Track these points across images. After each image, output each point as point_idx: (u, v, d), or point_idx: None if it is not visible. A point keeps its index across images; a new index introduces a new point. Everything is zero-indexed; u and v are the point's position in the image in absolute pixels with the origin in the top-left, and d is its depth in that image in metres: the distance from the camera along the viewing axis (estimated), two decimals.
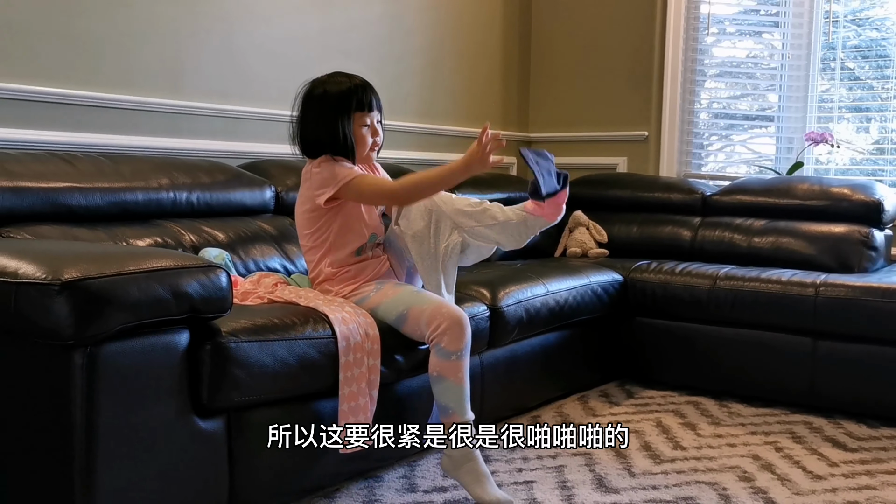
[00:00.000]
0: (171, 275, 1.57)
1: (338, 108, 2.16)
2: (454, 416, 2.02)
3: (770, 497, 2.09)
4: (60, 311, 1.43)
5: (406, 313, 2.05)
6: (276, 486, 1.87)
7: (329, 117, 2.16)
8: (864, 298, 2.68)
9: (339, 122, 2.15)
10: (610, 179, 3.88)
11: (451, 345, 2.01)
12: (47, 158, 2.28)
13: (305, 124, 2.20)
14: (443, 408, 2.03)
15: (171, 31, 2.77)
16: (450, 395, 2.02)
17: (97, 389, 1.49)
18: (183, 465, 1.65)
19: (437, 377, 2.02)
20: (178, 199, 2.48)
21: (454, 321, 2.02)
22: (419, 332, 2.05)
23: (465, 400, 2.03)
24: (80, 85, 2.55)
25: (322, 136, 2.17)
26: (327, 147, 2.17)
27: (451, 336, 2.01)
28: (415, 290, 2.15)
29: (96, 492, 1.50)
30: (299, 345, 1.85)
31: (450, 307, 2.06)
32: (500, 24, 4.21)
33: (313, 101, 2.19)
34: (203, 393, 1.67)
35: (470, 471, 2.01)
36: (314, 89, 2.20)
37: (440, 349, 2.01)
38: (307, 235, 2.21)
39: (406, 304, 2.07)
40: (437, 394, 2.03)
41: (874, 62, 3.84)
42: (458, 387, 2.02)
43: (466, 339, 2.04)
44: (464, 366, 2.03)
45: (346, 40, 3.38)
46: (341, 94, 2.16)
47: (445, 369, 2.01)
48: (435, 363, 2.02)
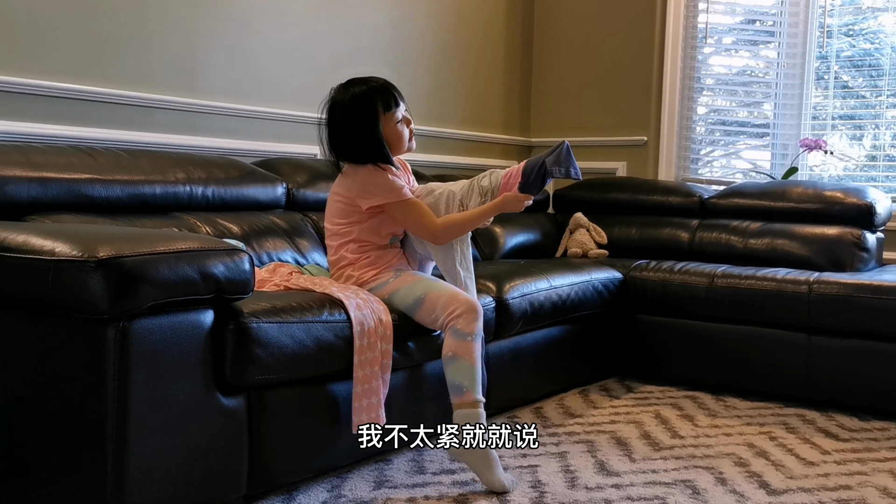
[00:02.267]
0: (199, 256, 1.65)
1: (366, 118, 2.19)
2: (468, 394, 2.08)
3: (765, 480, 2.17)
4: (96, 287, 1.52)
5: (423, 297, 2.14)
6: (292, 464, 1.95)
7: (358, 128, 2.19)
8: (857, 295, 2.78)
9: (370, 130, 2.19)
10: (610, 183, 3.98)
11: (466, 327, 2.10)
12: (70, 151, 2.36)
13: (336, 138, 2.23)
14: (456, 387, 2.09)
15: (188, 32, 2.87)
16: (464, 374, 2.08)
17: (129, 363, 1.57)
18: (207, 438, 1.72)
19: (452, 356, 2.09)
20: (195, 192, 2.57)
21: (469, 307, 2.12)
22: (434, 317, 2.14)
23: (478, 380, 2.10)
24: (101, 82, 2.64)
25: (357, 147, 2.21)
26: (365, 156, 2.21)
27: (466, 319, 2.10)
28: (433, 278, 2.25)
29: (127, 461, 1.58)
30: (316, 327, 1.93)
31: (466, 296, 2.16)
32: (502, 31, 4.32)
33: (338, 115, 2.22)
34: (226, 370, 1.75)
35: (479, 454, 2.07)
36: (336, 103, 2.21)
37: (455, 330, 2.10)
38: (335, 222, 2.28)
39: (424, 290, 2.16)
40: (450, 374, 2.10)
41: (867, 73, 3.95)
42: (472, 365, 2.08)
43: (479, 325, 2.13)
44: (477, 348, 2.11)
45: (355, 44, 3.48)
46: (365, 102, 2.19)
47: (460, 349, 2.09)
48: (450, 344, 2.10)
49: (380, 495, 2.02)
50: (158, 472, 1.64)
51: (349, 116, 2.20)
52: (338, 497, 2.01)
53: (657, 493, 2.06)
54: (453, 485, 2.10)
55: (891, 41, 3.86)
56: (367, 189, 2.20)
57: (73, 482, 1.62)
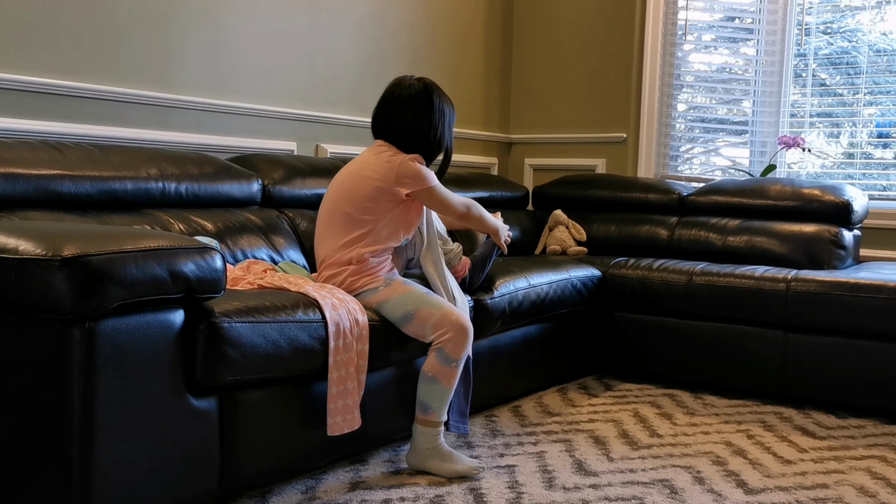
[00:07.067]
0: (168, 254, 1.61)
1: (451, 124, 2.36)
2: (433, 415, 2.12)
3: (742, 479, 2.16)
4: (61, 286, 1.47)
5: (414, 314, 2.12)
6: (266, 466, 1.91)
7: (442, 128, 2.31)
8: (833, 293, 2.79)
9: (446, 133, 2.33)
10: (589, 180, 3.97)
11: (454, 352, 2.10)
12: (38, 146, 2.31)
13: (410, 119, 2.28)
14: (424, 406, 2.12)
15: (161, 24, 2.81)
16: (436, 397, 2.11)
17: (96, 364, 1.53)
18: (177, 440, 1.69)
19: (431, 378, 2.10)
20: (167, 189, 2.52)
21: (461, 331, 2.11)
22: (422, 334, 2.13)
23: (447, 404, 2.13)
24: (71, 76, 2.58)
25: (423, 137, 2.29)
26: (419, 148, 2.29)
27: (456, 344, 2.10)
28: (424, 291, 2.20)
29: (93, 464, 1.54)
30: (290, 327, 1.89)
31: (458, 316, 2.13)
32: (482, 28, 4.29)
33: (427, 106, 2.29)
34: (197, 370, 1.72)
35: (436, 456, 2.12)
36: (433, 96, 2.31)
37: (442, 353, 2.09)
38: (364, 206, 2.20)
39: (415, 305, 2.13)
40: (423, 392, 2.11)
41: (844, 71, 3.96)
42: (447, 391, 2.11)
43: (468, 349, 2.13)
44: (458, 373, 2.12)
45: (333, 39, 3.44)
46: (453, 112, 2.37)
47: (442, 373, 2.09)
48: (433, 365, 2.10)
49: (354, 497, 1.99)
50: (126, 475, 1.60)
51: (440, 110, 2.31)
52: (311, 499, 1.97)
53: (635, 493, 2.05)
54: (429, 485, 2.07)
55: (868, 39, 3.88)
56: (406, 175, 2.20)
57: (38, 486, 1.57)
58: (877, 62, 3.84)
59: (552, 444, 2.41)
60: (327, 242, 2.24)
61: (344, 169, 2.33)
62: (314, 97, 3.36)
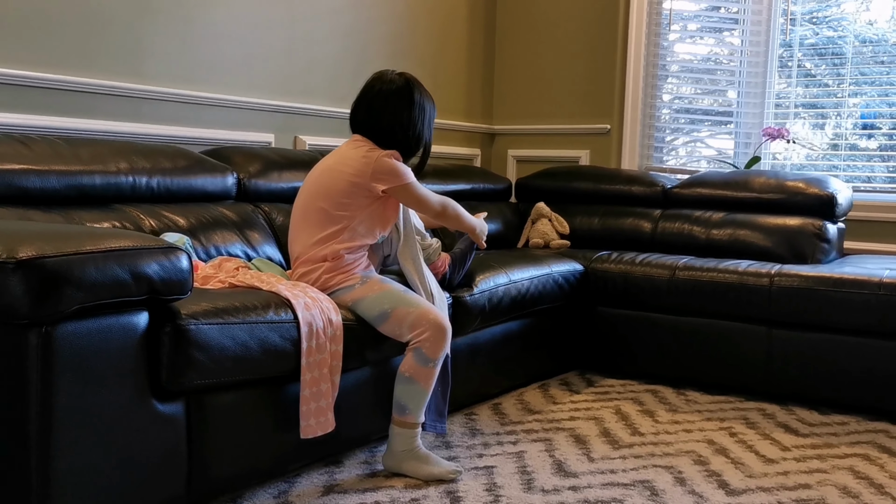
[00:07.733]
0: (129, 255, 1.55)
1: (431, 120, 2.31)
2: (410, 416, 2.07)
3: (724, 480, 2.13)
4: (15, 289, 1.41)
5: (390, 312, 2.06)
6: (236, 471, 1.86)
7: (421, 125, 2.26)
8: (817, 288, 2.75)
9: (425, 130, 2.28)
10: (572, 172, 3.92)
11: (431, 352, 2.05)
12: (2, 140, 2.23)
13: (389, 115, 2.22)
14: (401, 406, 2.07)
15: (133, 12, 2.73)
16: (413, 398, 2.06)
17: (53, 370, 1.47)
18: (142, 448, 1.63)
19: (408, 378, 2.05)
20: (138, 183, 2.45)
21: (438, 330, 2.06)
22: (399, 333, 2.08)
23: (424, 404, 2.08)
24: (38, 66, 2.50)
25: (402, 133, 2.23)
26: (397, 144, 2.23)
27: (433, 344, 2.05)
28: (401, 289, 2.14)
29: (53, 475, 1.48)
30: (260, 329, 1.84)
31: (436, 315, 2.08)
32: (464, 17, 4.22)
33: (408, 102, 2.24)
34: (162, 375, 1.66)
35: (412, 458, 2.07)
36: (413, 92, 2.25)
37: (419, 353, 2.04)
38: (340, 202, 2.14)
39: (392, 304, 2.07)
40: (400, 392, 2.07)
41: (830, 61, 3.92)
42: (425, 392, 2.07)
43: (446, 349, 2.08)
44: (436, 373, 2.07)
45: (311, 29, 3.36)
46: (434, 108, 2.33)
47: (419, 374, 2.04)
48: (410, 365, 2.05)
49: (328, 501, 1.95)
50: (89, 484, 1.54)
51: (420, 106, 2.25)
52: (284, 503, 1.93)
53: (615, 496, 2.01)
54: (406, 488, 2.03)
55: (853, 29, 3.84)
56: (383, 171, 2.15)
57: None
58: (862, 52, 3.80)
59: (532, 444, 2.37)
60: (302, 239, 2.19)
61: (320, 163, 2.27)
62: (291, 88, 3.29)
